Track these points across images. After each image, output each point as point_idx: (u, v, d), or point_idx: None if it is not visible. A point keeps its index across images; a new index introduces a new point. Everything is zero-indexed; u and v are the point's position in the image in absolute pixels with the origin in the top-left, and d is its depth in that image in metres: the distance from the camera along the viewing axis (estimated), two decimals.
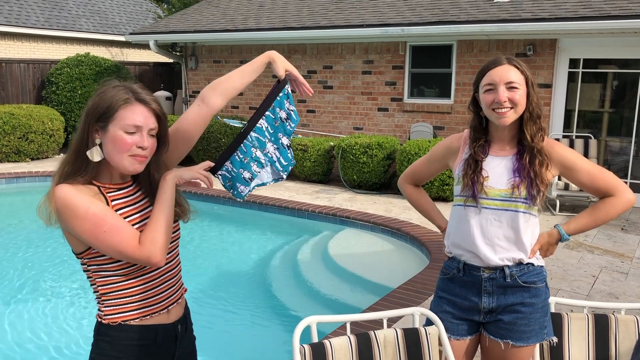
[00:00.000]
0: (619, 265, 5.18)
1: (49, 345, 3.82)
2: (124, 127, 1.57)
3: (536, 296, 2.04)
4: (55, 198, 1.54)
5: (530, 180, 1.99)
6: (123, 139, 1.57)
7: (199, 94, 1.82)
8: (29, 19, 13.91)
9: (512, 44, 8.11)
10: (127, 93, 1.59)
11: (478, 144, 2.08)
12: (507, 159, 2.06)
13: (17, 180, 8.74)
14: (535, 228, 2.07)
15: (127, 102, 1.58)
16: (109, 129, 1.58)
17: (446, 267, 2.17)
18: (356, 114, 9.57)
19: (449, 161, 2.22)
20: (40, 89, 11.54)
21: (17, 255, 5.66)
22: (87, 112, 1.59)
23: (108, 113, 1.57)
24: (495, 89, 2.00)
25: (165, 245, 1.57)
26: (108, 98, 1.58)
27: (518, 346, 2.03)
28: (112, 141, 1.58)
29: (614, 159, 7.93)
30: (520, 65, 2.05)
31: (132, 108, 1.58)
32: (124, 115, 1.57)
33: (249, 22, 10.20)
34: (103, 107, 1.57)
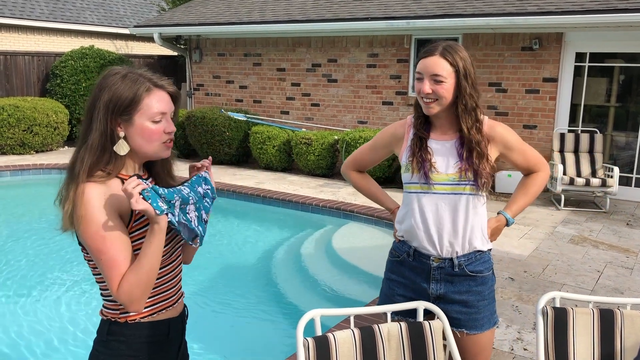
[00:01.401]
0: (624, 261, 5.16)
1: (52, 337, 3.83)
2: (150, 117, 1.53)
3: (483, 284, 2.13)
4: (80, 200, 1.48)
5: (474, 168, 2.05)
6: (151, 129, 1.54)
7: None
8: (33, 11, 13.90)
9: (518, 38, 8.06)
10: (144, 82, 1.55)
11: (419, 122, 2.13)
12: (450, 143, 2.10)
13: (22, 173, 8.76)
14: (483, 210, 2.14)
15: (149, 90, 1.54)
16: (134, 120, 1.53)
17: (396, 250, 2.21)
18: (360, 108, 9.54)
19: (394, 148, 2.24)
20: (44, 81, 11.55)
21: (20, 246, 5.68)
22: (105, 107, 1.51)
23: (131, 105, 1.52)
24: (422, 78, 2.03)
25: (143, 297, 1.51)
26: (126, 90, 1.52)
27: (473, 334, 2.12)
28: (140, 132, 1.54)
29: (619, 154, 7.89)
30: (454, 56, 2.01)
31: (154, 96, 1.54)
32: (148, 105, 1.53)
33: (254, 15, 10.16)
34: (125, 100, 1.51)
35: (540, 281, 4.60)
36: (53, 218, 6.87)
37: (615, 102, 7.87)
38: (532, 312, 3.97)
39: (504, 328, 3.73)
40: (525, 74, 8.09)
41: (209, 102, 11.29)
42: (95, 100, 1.53)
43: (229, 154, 9.57)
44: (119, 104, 1.51)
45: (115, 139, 1.53)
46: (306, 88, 10.09)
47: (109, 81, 1.54)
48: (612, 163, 7.78)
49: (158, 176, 1.71)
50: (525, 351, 3.43)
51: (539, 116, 8.08)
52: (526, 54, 8.04)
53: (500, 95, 8.29)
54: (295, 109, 10.26)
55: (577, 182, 6.90)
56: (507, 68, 8.21)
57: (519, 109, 8.19)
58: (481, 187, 2.06)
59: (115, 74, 1.56)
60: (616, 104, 7.87)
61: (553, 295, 2.10)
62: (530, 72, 8.05)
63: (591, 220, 6.57)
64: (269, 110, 10.56)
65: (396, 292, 2.19)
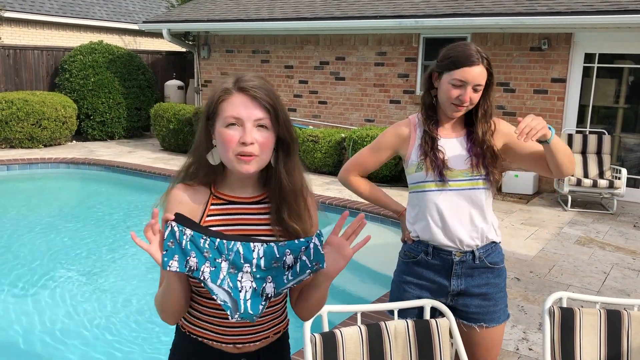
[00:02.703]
0: (630, 262, 5.15)
1: (58, 331, 3.86)
2: (224, 121, 1.39)
3: (499, 276, 2.18)
4: (165, 196, 1.50)
5: (487, 168, 2.08)
6: (226, 135, 1.38)
7: None
8: (43, 6, 13.96)
9: (527, 38, 8.04)
10: (228, 83, 1.43)
11: (432, 122, 2.12)
12: (459, 139, 2.12)
13: (30, 167, 8.81)
14: (491, 204, 2.17)
15: (227, 93, 1.40)
16: (216, 127, 1.42)
17: (410, 251, 2.19)
18: (368, 106, 9.53)
19: (399, 149, 2.21)
20: (53, 76, 11.60)
21: (28, 240, 5.72)
22: (203, 112, 1.48)
23: (211, 109, 1.43)
24: (463, 86, 2.01)
25: (162, 315, 1.45)
26: (213, 93, 1.44)
27: (492, 327, 2.15)
28: (219, 139, 1.41)
29: (627, 156, 7.86)
30: (490, 65, 2.06)
31: (231, 99, 1.39)
32: (224, 108, 1.40)
33: (262, 12, 10.17)
34: (210, 104, 1.44)
35: (546, 282, 4.59)
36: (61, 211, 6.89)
37: (623, 103, 7.84)
38: (537, 312, 3.97)
39: (509, 328, 3.73)
40: (533, 74, 8.06)
41: None
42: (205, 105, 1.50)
43: None
44: (207, 109, 1.45)
45: (210, 146, 1.46)
46: (314, 86, 10.10)
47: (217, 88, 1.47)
48: (619, 164, 7.75)
49: (279, 212, 1.47)
50: (530, 351, 3.43)
51: (547, 117, 8.05)
52: (535, 54, 8.01)
53: (509, 95, 8.26)
54: (303, 107, 10.27)
55: (584, 183, 6.88)
56: (515, 68, 8.18)
57: (527, 109, 8.16)
58: (493, 183, 2.11)
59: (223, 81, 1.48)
60: (625, 105, 7.84)
61: (560, 295, 2.10)
62: (539, 73, 8.02)
63: (598, 222, 6.55)
64: None
65: (411, 294, 2.16)
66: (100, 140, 11.49)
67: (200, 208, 1.45)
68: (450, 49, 2.07)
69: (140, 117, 11.88)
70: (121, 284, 4.72)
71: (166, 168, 8.72)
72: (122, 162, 9.03)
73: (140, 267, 5.11)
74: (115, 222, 6.52)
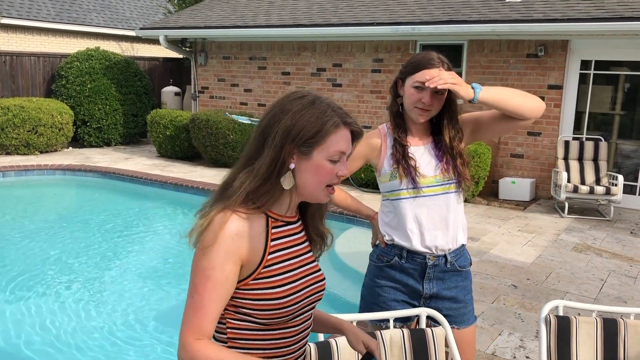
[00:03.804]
0: (627, 269, 5.14)
1: (51, 338, 3.83)
2: (330, 155, 1.35)
3: (466, 279, 2.23)
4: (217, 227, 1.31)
5: (458, 173, 2.12)
6: (327, 168, 1.36)
7: None
8: (40, 12, 13.97)
9: (523, 45, 8.06)
10: (333, 115, 1.36)
11: (400, 130, 2.16)
12: (426, 147, 2.16)
13: (26, 173, 8.78)
14: (462, 207, 2.23)
15: (337, 126, 1.36)
16: (313, 155, 1.35)
17: (384, 254, 2.22)
18: (365, 113, 9.54)
19: (370, 159, 2.24)
20: (50, 82, 11.59)
21: (23, 246, 5.69)
22: (284, 133, 1.33)
23: (315, 138, 1.34)
24: (425, 89, 2.04)
25: None
26: (313, 120, 1.34)
27: (463, 328, 2.20)
28: (314, 169, 1.36)
29: (624, 162, 7.87)
30: (450, 69, 2.08)
31: (340, 133, 1.36)
32: (333, 141, 1.35)
33: (259, 18, 10.19)
34: (309, 131, 1.33)
35: (543, 289, 4.58)
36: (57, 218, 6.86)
37: (620, 110, 7.86)
38: (534, 320, 3.96)
39: (506, 335, 3.71)
40: (530, 81, 8.08)
41: (213, 105, 11.31)
42: (274, 123, 1.36)
43: (233, 157, 9.57)
44: (301, 134, 1.34)
45: (284, 170, 1.35)
46: None
47: (294, 105, 1.36)
48: (616, 171, 7.76)
49: (312, 219, 1.51)
50: (527, 359, 3.42)
51: (543, 123, 8.06)
52: (531, 61, 8.04)
53: None
54: None
55: (581, 190, 6.88)
56: (512, 75, 8.20)
57: None
58: (464, 189, 2.17)
59: (301, 97, 1.38)
60: (621, 112, 7.85)
61: (556, 303, 2.09)
62: (535, 79, 8.04)
63: (595, 229, 6.54)
64: None
65: (388, 297, 2.19)
66: (97, 146, 11.47)
67: (262, 235, 1.37)
68: (413, 56, 2.14)
69: (137, 124, 11.87)
70: (118, 291, 4.69)
71: (163, 175, 8.70)
72: (119, 168, 9.01)
73: (137, 274, 5.08)
74: (112, 229, 6.49)
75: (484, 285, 4.59)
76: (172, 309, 4.42)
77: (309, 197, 1.40)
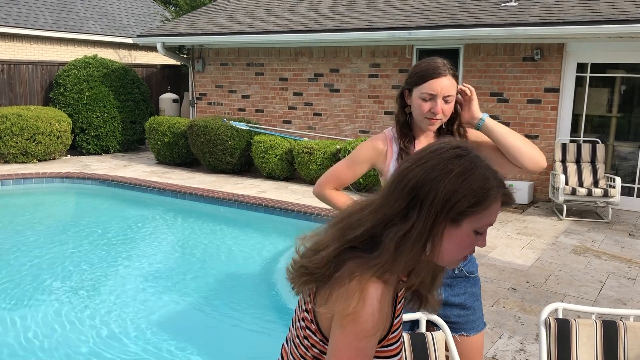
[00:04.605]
0: (626, 271, 5.15)
1: (51, 348, 3.83)
2: (479, 227, 1.23)
3: (475, 285, 2.21)
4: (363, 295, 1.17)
5: None
6: (471, 239, 1.24)
7: None
8: (37, 20, 13.99)
9: (519, 48, 8.09)
10: (495, 182, 1.22)
11: (407, 139, 2.15)
12: None
13: (25, 182, 8.78)
14: None
15: (496, 198, 1.23)
16: (463, 225, 1.22)
17: None
18: (362, 117, 9.56)
19: (376, 163, 2.23)
20: (48, 90, 11.60)
21: (22, 255, 5.68)
22: (444, 199, 1.19)
23: (474, 208, 1.20)
24: (433, 99, 2.04)
25: None
26: (477, 188, 1.19)
27: (472, 335, 2.19)
28: (459, 239, 1.23)
29: (621, 164, 7.89)
30: (456, 75, 2.10)
31: (497, 204, 1.24)
32: (488, 213, 1.22)
33: (256, 25, 10.22)
34: (471, 200, 1.19)
35: (542, 291, 4.59)
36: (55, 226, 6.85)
37: (616, 112, 7.89)
38: (534, 323, 3.96)
39: (506, 339, 3.72)
40: (526, 84, 8.11)
41: (211, 112, 11.33)
42: (430, 183, 1.20)
43: (231, 163, 9.59)
44: (461, 202, 1.19)
45: (435, 241, 1.22)
46: (308, 98, 10.13)
47: (455, 166, 1.21)
48: (614, 173, 7.78)
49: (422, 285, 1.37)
50: None
51: (540, 126, 8.09)
52: (528, 64, 8.07)
53: (502, 105, 8.30)
54: (298, 119, 10.29)
55: (579, 192, 6.90)
56: (508, 78, 8.23)
57: (521, 119, 8.20)
58: None
59: (460, 157, 1.22)
60: (618, 114, 7.88)
61: (556, 306, 2.10)
62: (532, 82, 8.07)
63: (593, 231, 6.56)
64: (271, 119, 10.59)
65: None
66: (95, 154, 11.47)
67: (391, 299, 1.29)
68: (417, 65, 2.11)
69: (135, 131, 11.88)
70: (116, 299, 4.69)
71: (162, 181, 8.71)
72: (117, 176, 9.01)
73: (135, 281, 5.08)
74: (111, 236, 6.49)
75: (483, 288, 4.60)
76: (171, 316, 4.42)
77: (442, 263, 1.29)
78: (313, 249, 1.30)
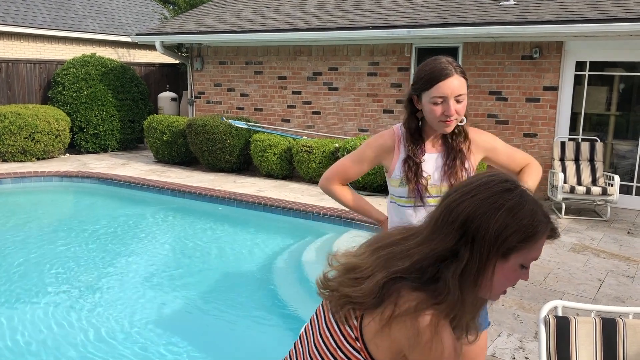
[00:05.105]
0: (625, 269, 5.16)
1: (48, 348, 3.82)
2: (526, 261, 1.23)
3: None
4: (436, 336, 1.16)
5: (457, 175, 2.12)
6: (517, 273, 1.23)
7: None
8: (35, 19, 13.96)
9: (518, 46, 8.09)
10: (543, 217, 1.21)
11: (417, 147, 2.11)
12: (438, 155, 2.14)
13: (23, 180, 8.77)
14: None
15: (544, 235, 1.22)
16: (511, 259, 1.20)
17: None
18: (361, 116, 9.56)
19: (382, 160, 2.21)
20: (46, 89, 11.59)
21: (21, 254, 5.67)
22: (495, 236, 1.16)
23: (523, 243, 1.19)
24: (445, 102, 2.00)
25: None
26: (526, 223, 1.18)
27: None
28: (507, 274, 1.22)
29: (620, 162, 7.90)
30: (465, 73, 2.07)
31: (544, 239, 1.22)
32: (535, 248, 1.21)
33: (255, 23, 10.21)
34: (521, 236, 1.18)
35: (541, 290, 4.59)
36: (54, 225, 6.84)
37: (615, 110, 7.89)
38: (533, 321, 3.97)
39: (505, 337, 3.72)
40: (525, 83, 8.11)
41: (210, 110, 11.32)
42: (481, 217, 1.18)
43: (230, 161, 9.58)
44: (511, 238, 1.18)
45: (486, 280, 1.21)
46: (307, 96, 10.12)
47: (506, 201, 1.19)
48: (612, 171, 7.79)
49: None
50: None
51: (539, 124, 8.09)
52: (526, 63, 8.07)
53: (501, 104, 8.31)
54: (297, 117, 10.28)
55: (577, 191, 6.91)
56: (507, 76, 8.23)
57: (520, 118, 8.20)
58: None
59: (509, 190, 1.21)
60: (616, 113, 7.89)
61: (555, 304, 2.10)
62: (531, 81, 8.07)
63: (592, 229, 6.57)
64: (270, 118, 10.59)
65: None
66: (94, 152, 11.46)
67: None
68: (421, 69, 2.06)
69: (134, 129, 11.87)
70: (117, 297, 4.68)
71: (160, 180, 8.70)
72: (116, 174, 9.01)
73: (134, 280, 5.08)
74: (109, 235, 6.48)
75: None
76: (169, 314, 4.42)
77: (491, 298, 1.29)
78: (354, 277, 1.28)
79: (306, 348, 1.41)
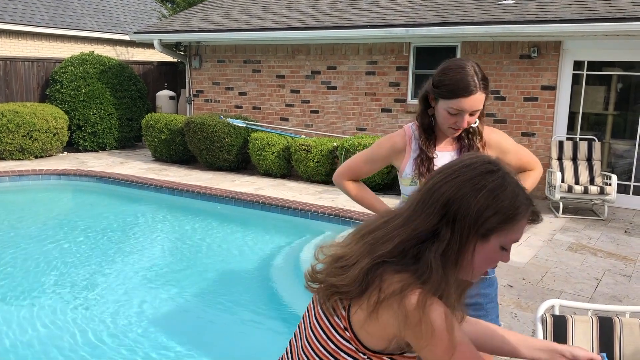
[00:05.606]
0: (622, 268, 5.17)
1: (47, 345, 3.82)
2: (506, 243, 1.24)
3: (490, 286, 2.18)
4: (428, 319, 1.15)
5: None
6: (497, 255, 1.25)
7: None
8: (33, 17, 13.94)
9: (516, 46, 8.10)
10: (524, 201, 1.23)
11: (430, 142, 2.13)
12: (453, 153, 2.15)
13: (21, 178, 8.76)
14: None
15: (524, 215, 1.24)
16: (491, 240, 1.22)
17: None
18: (360, 115, 9.56)
19: (393, 160, 2.22)
20: (44, 87, 11.57)
21: (18, 252, 5.67)
22: (476, 216, 1.19)
23: (504, 224, 1.21)
24: (460, 115, 2.02)
25: None
26: (508, 204, 1.20)
27: None
28: (486, 255, 1.24)
29: (617, 162, 7.92)
30: (488, 85, 2.05)
31: (524, 222, 1.25)
32: (515, 229, 1.23)
33: (253, 22, 10.20)
34: (502, 217, 1.20)
35: (538, 288, 4.60)
36: (52, 223, 6.84)
37: (613, 110, 7.91)
38: (530, 320, 3.98)
39: None
40: (523, 82, 8.12)
41: (208, 109, 11.31)
42: (462, 198, 1.20)
43: (228, 160, 9.58)
44: (492, 219, 1.20)
45: (466, 260, 1.23)
46: (305, 95, 10.12)
47: (488, 182, 1.21)
48: (610, 171, 7.80)
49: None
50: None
51: (537, 124, 8.11)
52: (524, 62, 8.08)
53: (499, 103, 8.32)
54: (295, 116, 10.28)
55: (575, 190, 6.92)
56: (505, 76, 8.24)
57: (518, 117, 8.21)
58: None
59: (492, 172, 1.22)
60: (614, 112, 7.90)
61: (552, 303, 2.11)
62: (529, 80, 8.08)
63: (589, 228, 6.58)
64: (269, 116, 10.59)
65: None
66: (92, 151, 11.45)
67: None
68: (445, 73, 2.00)
69: (132, 128, 11.86)
70: (114, 295, 4.69)
71: (158, 179, 8.70)
72: (114, 173, 9.00)
73: (132, 279, 5.08)
74: (107, 233, 6.48)
75: None
76: (168, 312, 4.42)
77: (471, 278, 1.31)
78: (339, 266, 1.28)
79: (299, 343, 1.41)
